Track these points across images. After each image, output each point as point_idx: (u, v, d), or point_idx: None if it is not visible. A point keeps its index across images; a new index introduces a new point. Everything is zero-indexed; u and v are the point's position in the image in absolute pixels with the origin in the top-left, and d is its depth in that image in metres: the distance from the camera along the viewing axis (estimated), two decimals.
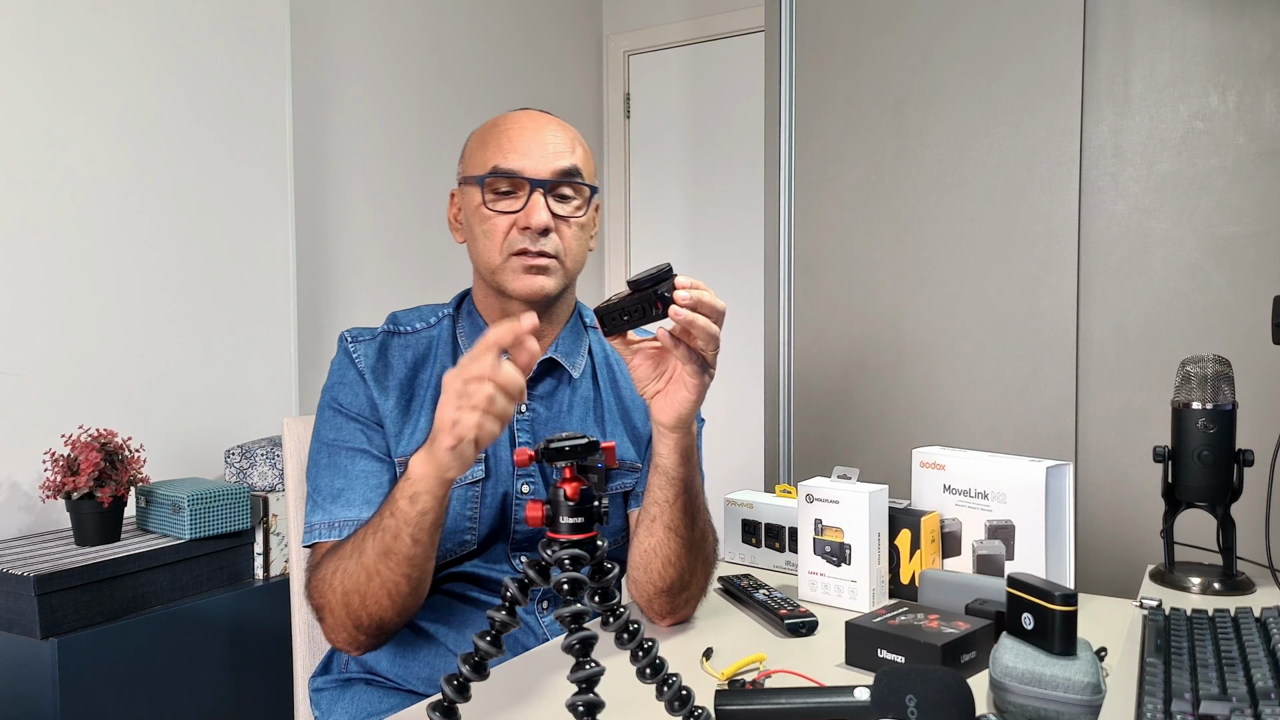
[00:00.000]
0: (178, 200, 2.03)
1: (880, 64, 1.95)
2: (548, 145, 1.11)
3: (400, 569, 0.97)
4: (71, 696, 1.54)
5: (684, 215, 3.41)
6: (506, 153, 1.11)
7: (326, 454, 1.12)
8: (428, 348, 1.18)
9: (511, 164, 1.10)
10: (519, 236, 1.10)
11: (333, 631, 1.03)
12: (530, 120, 1.14)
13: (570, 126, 1.17)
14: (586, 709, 0.70)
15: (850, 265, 1.99)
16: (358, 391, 1.13)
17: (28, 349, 1.79)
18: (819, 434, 2.03)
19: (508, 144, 1.11)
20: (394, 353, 1.16)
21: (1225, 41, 1.65)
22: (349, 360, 1.15)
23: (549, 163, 1.11)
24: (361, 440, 1.11)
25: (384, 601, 0.99)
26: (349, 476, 1.10)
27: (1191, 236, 1.68)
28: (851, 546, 1.20)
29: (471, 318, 1.20)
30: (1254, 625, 0.85)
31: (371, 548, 0.97)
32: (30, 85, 1.79)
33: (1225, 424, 1.13)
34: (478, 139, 1.16)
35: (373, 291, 2.60)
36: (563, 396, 1.19)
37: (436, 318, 1.20)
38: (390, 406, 1.13)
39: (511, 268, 1.11)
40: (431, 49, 2.80)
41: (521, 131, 1.12)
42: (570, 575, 0.73)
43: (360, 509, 1.08)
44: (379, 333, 1.17)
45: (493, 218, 1.11)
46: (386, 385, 1.13)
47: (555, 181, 1.11)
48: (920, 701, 0.80)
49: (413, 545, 0.96)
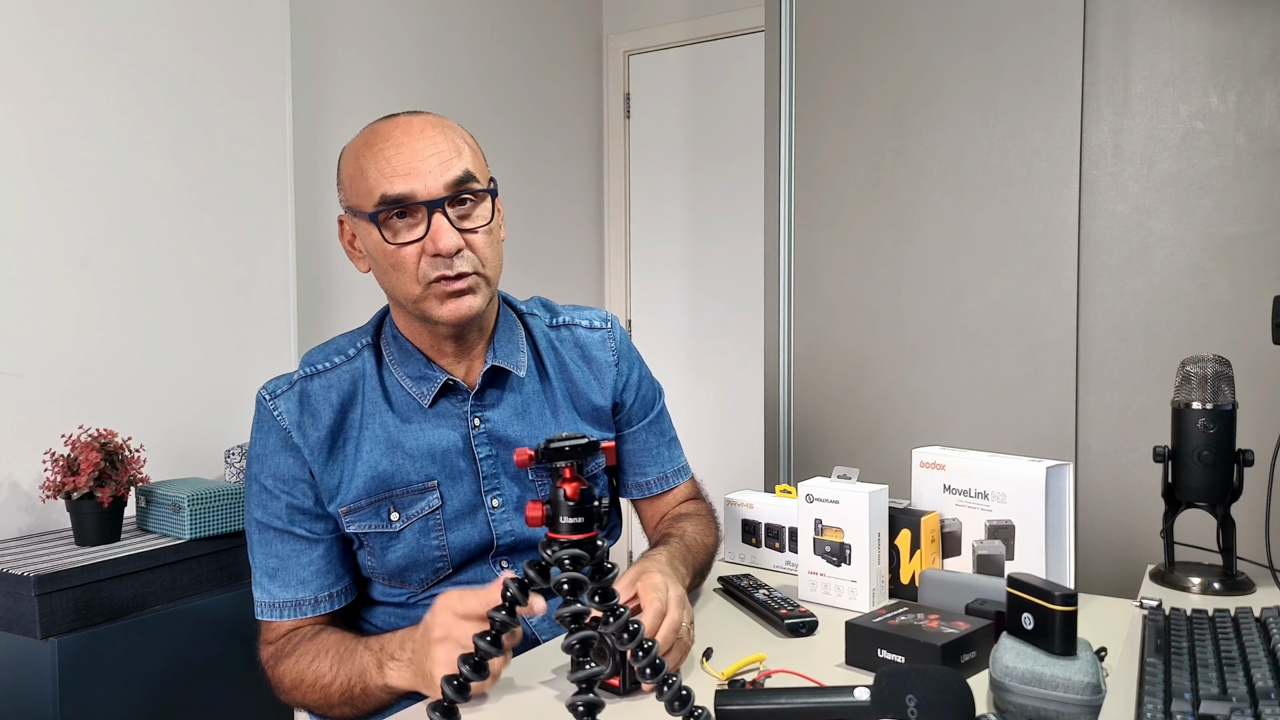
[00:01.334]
0: (178, 200, 2.03)
1: (880, 64, 1.95)
2: (430, 157, 1.02)
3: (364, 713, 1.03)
4: (71, 697, 1.54)
5: (684, 215, 3.41)
6: (390, 177, 1.02)
7: (257, 531, 1.11)
8: (352, 383, 1.12)
9: (398, 189, 1.01)
10: (431, 263, 1.03)
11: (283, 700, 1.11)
12: (403, 134, 1.04)
13: (447, 122, 1.08)
14: (586, 709, 0.70)
15: (850, 265, 1.99)
16: (281, 462, 1.08)
17: (28, 349, 1.79)
18: (819, 434, 2.03)
19: (388, 166, 1.02)
20: (316, 397, 1.10)
21: (1225, 41, 1.65)
22: (271, 421, 1.09)
23: (438, 176, 1.02)
24: (284, 520, 1.09)
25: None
26: (280, 557, 1.10)
27: (1191, 236, 1.68)
28: (851, 546, 1.20)
29: (397, 342, 1.13)
30: (1254, 625, 0.85)
31: (337, 697, 1.02)
32: (30, 85, 1.79)
33: (1225, 424, 1.13)
34: (353, 164, 1.06)
35: (372, 292, 2.59)
36: (513, 399, 1.16)
37: (355, 348, 1.14)
38: (321, 463, 1.09)
39: (434, 295, 1.04)
40: (431, 49, 2.80)
41: (398, 149, 1.02)
42: (570, 575, 0.73)
43: (295, 590, 1.09)
44: (296, 379, 1.11)
45: (398, 251, 1.03)
46: (312, 438, 1.08)
47: (451, 196, 1.03)
48: (920, 701, 0.80)
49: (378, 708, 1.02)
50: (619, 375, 1.23)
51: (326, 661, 1.03)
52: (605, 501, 0.76)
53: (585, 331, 1.24)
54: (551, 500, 0.74)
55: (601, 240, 3.55)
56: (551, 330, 1.23)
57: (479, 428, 1.13)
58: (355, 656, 1.01)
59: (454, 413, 1.13)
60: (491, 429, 1.14)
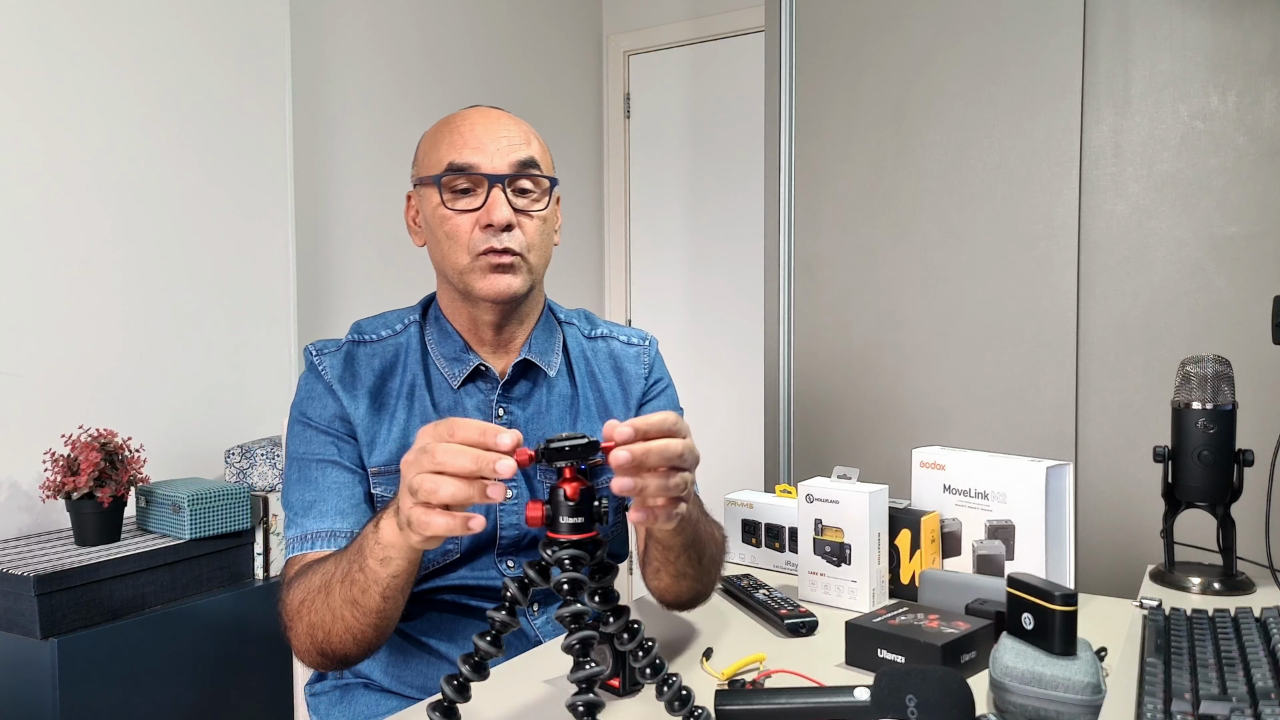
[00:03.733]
0: (178, 200, 2.03)
1: (880, 64, 1.95)
2: (502, 138, 1.09)
3: (367, 620, 0.94)
4: (71, 697, 1.54)
5: (684, 215, 3.41)
6: (460, 148, 1.08)
7: (296, 469, 1.10)
8: (395, 355, 1.15)
9: (466, 159, 1.08)
10: (482, 235, 1.07)
11: (298, 652, 1.01)
12: (481, 116, 1.12)
13: (523, 121, 1.15)
14: (586, 709, 0.70)
15: (850, 265, 1.99)
16: (326, 403, 1.11)
17: (28, 349, 1.79)
18: (819, 434, 2.03)
19: (460, 140, 1.09)
20: (360, 361, 1.14)
21: (1225, 41, 1.65)
22: (316, 374, 1.13)
23: (505, 155, 1.08)
24: (332, 451, 1.09)
25: (348, 641, 0.96)
26: (319, 488, 1.08)
27: (1191, 236, 1.68)
28: (851, 546, 1.20)
29: (439, 323, 1.17)
30: (1254, 625, 0.85)
31: (338, 594, 0.94)
32: (30, 85, 1.79)
33: (1225, 424, 1.13)
34: (430, 139, 1.13)
35: (372, 291, 2.60)
36: (540, 396, 1.17)
37: (402, 324, 1.18)
38: (361, 415, 1.10)
39: (479, 268, 1.08)
40: (431, 49, 2.80)
41: (474, 127, 1.10)
42: (570, 575, 0.73)
43: (332, 520, 1.06)
44: (344, 343, 1.15)
45: (453, 217, 1.09)
46: (355, 393, 1.11)
47: (513, 175, 1.09)
48: (920, 701, 0.80)
49: (382, 601, 0.92)
50: (646, 389, 1.24)
51: (331, 560, 0.97)
52: (605, 502, 0.76)
53: (621, 345, 1.26)
54: (551, 500, 0.74)
55: (601, 240, 3.55)
56: (587, 341, 1.24)
57: (502, 418, 1.15)
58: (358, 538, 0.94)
59: (481, 399, 1.15)
60: (513, 421, 1.15)
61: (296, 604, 0.98)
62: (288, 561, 1.07)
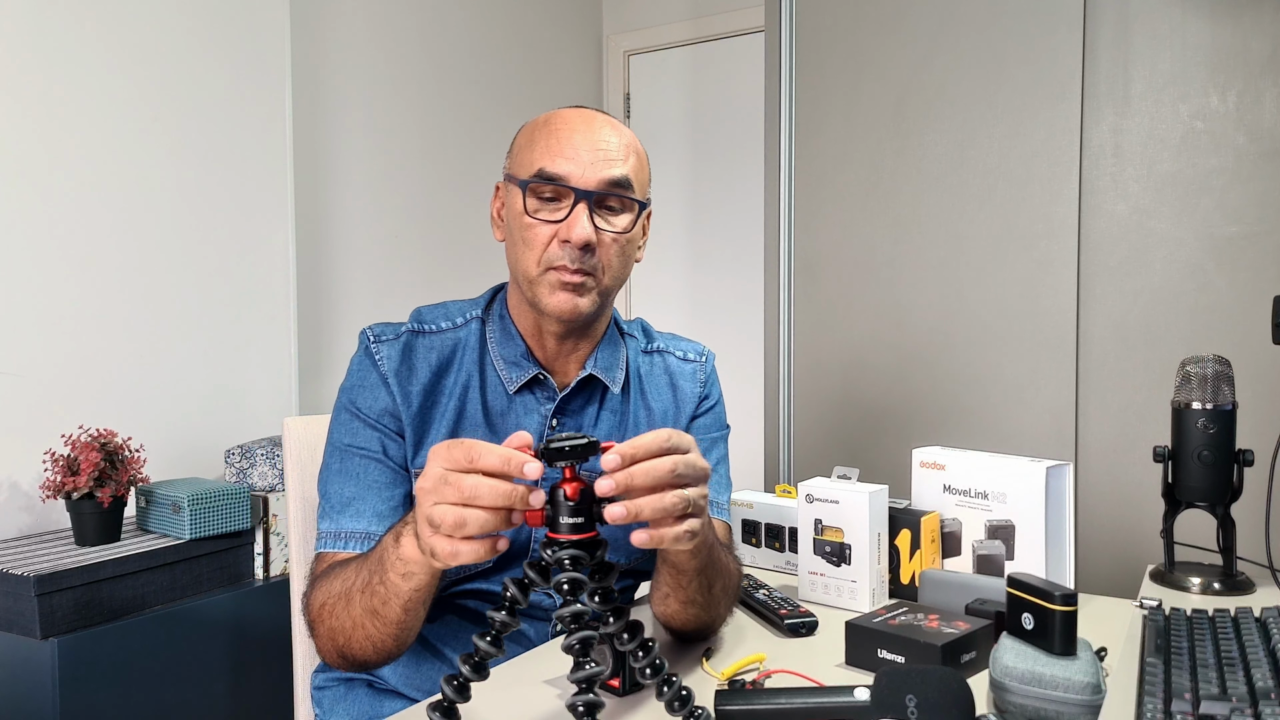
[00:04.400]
0: (178, 200, 2.03)
1: (880, 64, 1.95)
2: (598, 151, 1.04)
3: (387, 630, 0.92)
4: (71, 697, 1.54)
5: (684, 215, 3.41)
6: (554, 155, 1.03)
7: (339, 458, 1.06)
8: (453, 350, 1.11)
9: (558, 169, 1.03)
10: (559, 250, 1.03)
11: (320, 652, 0.99)
12: (583, 121, 1.06)
13: (627, 130, 1.10)
14: (586, 709, 0.70)
15: (850, 265, 1.99)
16: (379, 395, 1.07)
17: (28, 349, 1.79)
18: (819, 434, 2.03)
19: (556, 146, 1.03)
20: (418, 354, 1.10)
21: (1225, 41, 1.65)
22: (371, 362, 1.09)
23: (597, 171, 1.03)
24: (377, 447, 1.06)
25: (368, 649, 0.94)
26: (361, 484, 1.04)
27: (1191, 236, 1.68)
28: (851, 546, 1.20)
29: (503, 322, 1.13)
30: (1254, 625, 0.85)
31: (359, 604, 0.91)
32: (30, 85, 1.79)
33: (1225, 424, 1.13)
34: (527, 135, 1.08)
35: (372, 291, 2.60)
36: (593, 412, 1.14)
37: (464, 318, 1.14)
38: (412, 414, 1.07)
39: (548, 282, 1.04)
40: (431, 48, 2.80)
41: (572, 133, 1.04)
42: (570, 575, 0.73)
43: (370, 521, 1.03)
44: (403, 331, 1.11)
45: (534, 226, 1.04)
46: (409, 390, 1.07)
47: (602, 194, 1.04)
48: (920, 702, 0.80)
49: (403, 614, 0.90)
50: (698, 409, 1.22)
51: (353, 567, 0.94)
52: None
53: (678, 361, 1.23)
54: (551, 500, 0.74)
55: None
56: (644, 356, 1.21)
57: (555, 429, 1.12)
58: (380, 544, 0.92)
59: (537, 408, 1.12)
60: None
61: (318, 606, 0.97)
62: (317, 555, 1.05)
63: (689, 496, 0.78)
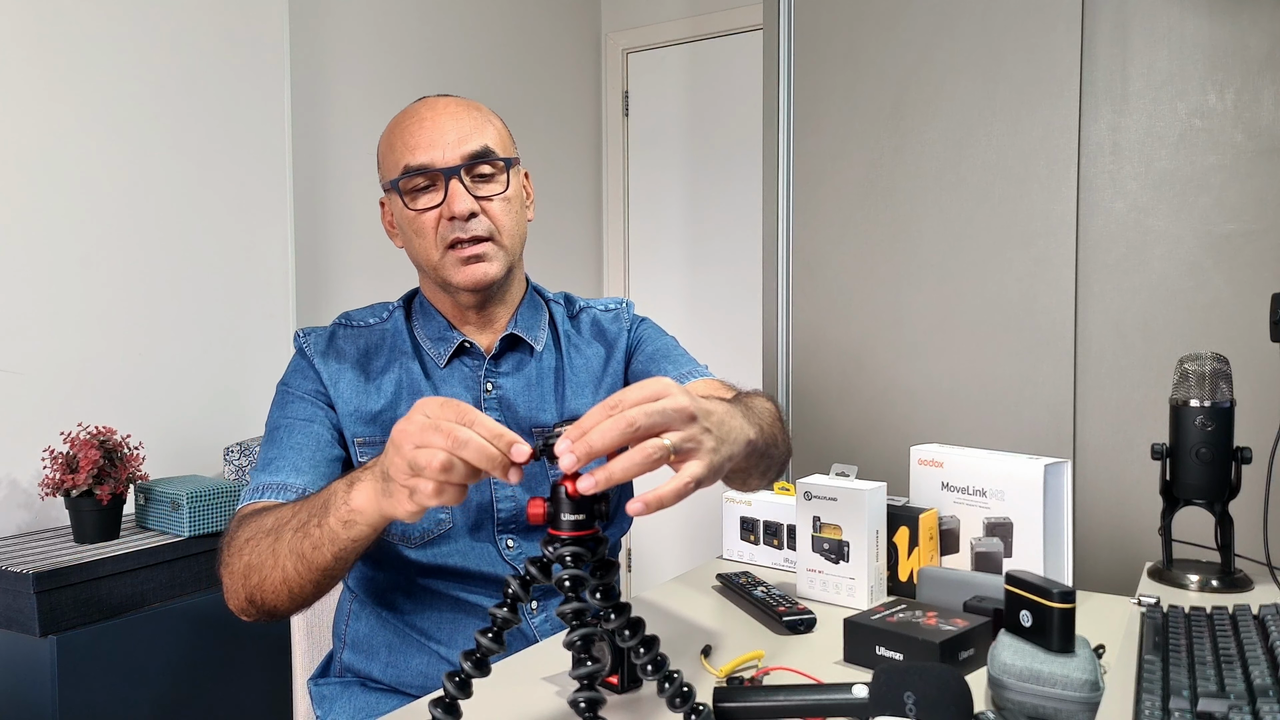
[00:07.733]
0: (177, 199, 2.02)
1: (879, 62, 1.95)
2: (449, 132, 1.10)
3: (310, 575, 0.92)
4: (70, 694, 1.54)
5: (683, 213, 3.41)
6: (412, 149, 1.10)
7: (267, 435, 1.13)
8: (380, 339, 1.19)
9: (419, 159, 1.10)
10: (448, 227, 1.10)
11: (227, 594, 0.99)
12: (429, 110, 1.13)
13: (474, 104, 1.16)
14: (589, 705, 0.70)
15: (849, 263, 1.99)
16: (308, 375, 1.15)
17: (28, 347, 1.79)
18: (817, 431, 2.03)
19: (412, 140, 1.10)
20: (343, 340, 1.18)
21: (1223, 39, 1.65)
22: (300, 352, 1.17)
23: (456, 149, 1.10)
24: (305, 414, 1.12)
25: (281, 593, 0.94)
26: (281, 447, 1.10)
27: (1189, 234, 1.68)
28: (850, 544, 1.21)
29: (425, 310, 1.21)
30: (1252, 623, 0.85)
31: (287, 543, 0.91)
32: (29, 85, 1.79)
33: (1223, 421, 1.13)
34: (385, 143, 1.15)
35: (372, 291, 2.59)
36: (529, 370, 1.20)
37: (387, 312, 1.22)
38: (345, 385, 1.14)
39: (451, 261, 1.11)
40: (430, 48, 2.80)
41: (421, 124, 1.11)
42: (572, 572, 0.73)
43: (287, 474, 1.07)
44: (330, 327, 1.20)
45: (419, 216, 1.11)
46: (340, 365, 1.15)
47: (468, 165, 1.10)
48: (919, 699, 0.80)
49: (333, 561, 0.90)
50: (630, 338, 1.27)
51: (290, 507, 0.95)
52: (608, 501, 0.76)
53: (600, 313, 1.29)
54: (552, 497, 0.75)
55: (600, 238, 3.55)
56: (570, 320, 1.27)
57: (490, 393, 1.17)
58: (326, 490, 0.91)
59: (468, 375, 1.17)
60: (503, 395, 1.17)
61: (242, 541, 0.96)
62: (236, 512, 1.05)
63: (670, 443, 0.73)
